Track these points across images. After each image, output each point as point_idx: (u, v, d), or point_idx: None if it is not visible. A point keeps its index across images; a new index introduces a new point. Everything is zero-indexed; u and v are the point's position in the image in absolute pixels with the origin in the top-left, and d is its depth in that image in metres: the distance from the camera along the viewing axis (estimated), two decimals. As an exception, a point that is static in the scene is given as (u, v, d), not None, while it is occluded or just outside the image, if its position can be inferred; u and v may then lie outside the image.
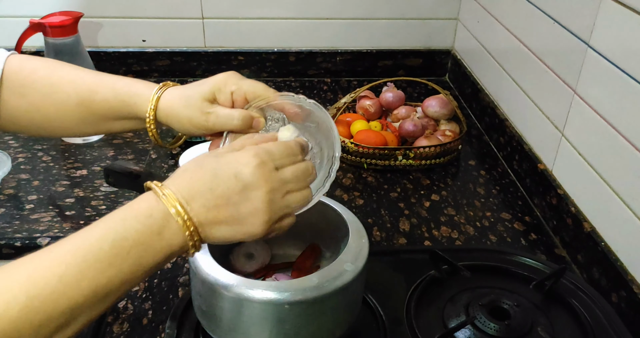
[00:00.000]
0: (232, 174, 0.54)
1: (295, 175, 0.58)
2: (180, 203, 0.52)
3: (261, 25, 1.48)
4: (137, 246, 0.50)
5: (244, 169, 0.54)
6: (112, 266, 0.49)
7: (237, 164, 0.55)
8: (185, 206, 0.52)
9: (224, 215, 0.54)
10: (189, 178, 0.54)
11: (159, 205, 0.52)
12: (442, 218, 1.02)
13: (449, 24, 1.52)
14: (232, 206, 0.54)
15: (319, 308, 0.63)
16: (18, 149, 1.18)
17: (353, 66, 1.55)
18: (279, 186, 0.56)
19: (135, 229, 0.51)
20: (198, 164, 0.56)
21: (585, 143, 0.92)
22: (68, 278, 0.47)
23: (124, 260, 0.49)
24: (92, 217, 0.98)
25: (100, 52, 1.47)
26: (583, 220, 0.90)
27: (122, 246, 0.50)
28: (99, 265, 0.48)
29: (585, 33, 0.90)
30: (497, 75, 1.26)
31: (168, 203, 0.52)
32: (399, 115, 1.25)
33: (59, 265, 0.47)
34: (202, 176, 0.54)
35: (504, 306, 0.76)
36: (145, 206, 0.52)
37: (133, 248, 0.50)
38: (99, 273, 0.48)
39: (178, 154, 1.16)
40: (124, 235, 0.50)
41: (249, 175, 0.54)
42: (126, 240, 0.50)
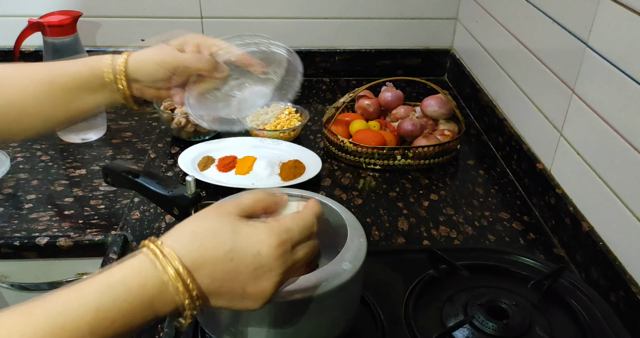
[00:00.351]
0: (252, 252, 0.51)
1: (307, 256, 0.57)
2: (184, 266, 0.48)
3: (260, 25, 1.48)
4: (124, 317, 0.47)
5: (264, 249, 0.51)
6: (93, 335, 0.45)
7: (257, 242, 0.52)
8: (192, 273, 0.49)
9: (228, 289, 0.51)
10: (198, 245, 0.50)
11: (155, 272, 0.48)
12: (441, 217, 1.02)
13: (448, 23, 1.52)
14: (240, 282, 0.51)
15: (317, 307, 0.63)
16: (17, 148, 1.18)
17: (352, 65, 1.55)
18: (291, 266, 0.54)
19: (123, 299, 0.47)
20: (211, 231, 0.51)
21: (583, 143, 0.92)
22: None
23: (106, 329, 0.46)
24: (90, 216, 0.98)
25: (99, 51, 1.46)
26: (581, 219, 0.90)
27: (107, 317, 0.46)
28: (78, 334, 0.44)
29: (583, 33, 0.90)
30: (496, 75, 1.26)
31: (167, 264, 0.48)
32: (397, 115, 1.25)
33: (33, 332, 0.43)
34: (216, 245, 0.50)
35: (503, 305, 0.76)
36: (138, 272, 0.48)
37: (119, 319, 0.46)
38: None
39: (177, 154, 1.16)
40: (111, 306, 0.46)
41: (266, 256, 0.51)
42: (112, 311, 0.46)
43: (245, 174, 1.10)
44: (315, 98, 1.46)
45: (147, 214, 1.00)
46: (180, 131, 1.20)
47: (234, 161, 1.13)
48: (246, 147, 1.17)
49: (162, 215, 1.00)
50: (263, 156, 1.14)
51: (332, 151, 1.18)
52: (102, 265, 0.87)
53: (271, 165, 1.11)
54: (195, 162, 1.13)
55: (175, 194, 0.76)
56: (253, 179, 1.09)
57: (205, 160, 1.13)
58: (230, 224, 0.52)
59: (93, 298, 0.46)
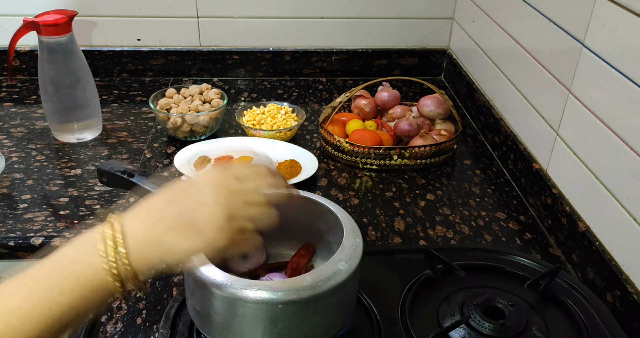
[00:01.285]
0: (189, 183, 0.53)
1: (257, 188, 0.55)
2: (113, 221, 0.51)
3: (256, 24, 1.48)
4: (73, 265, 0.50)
5: (201, 178, 0.53)
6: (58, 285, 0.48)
7: (196, 178, 0.53)
8: (116, 222, 0.51)
9: (172, 222, 0.51)
10: (144, 202, 0.54)
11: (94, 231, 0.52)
12: (437, 217, 1.02)
13: (444, 23, 1.52)
14: (182, 211, 0.51)
15: (313, 307, 0.63)
16: (12, 148, 1.17)
17: (348, 65, 1.55)
18: (237, 190, 0.53)
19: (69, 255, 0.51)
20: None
21: (580, 143, 0.92)
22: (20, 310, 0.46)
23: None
24: (86, 216, 0.98)
25: (94, 51, 1.47)
26: (578, 219, 0.90)
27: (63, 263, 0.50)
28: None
29: (580, 32, 0.90)
30: (492, 74, 1.26)
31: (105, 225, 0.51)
32: (394, 114, 1.25)
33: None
34: (159, 197, 0.54)
35: (499, 305, 0.76)
36: (87, 237, 0.52)
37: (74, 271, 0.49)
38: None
39: (173, 154, 1.15)
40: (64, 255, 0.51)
41: (204, 183, 0.52)
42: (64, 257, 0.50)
43: (241, 174, 1.10)
44: (312, 98, 1.46)
45: (143, 214, 0.99)
46: (177, 131, 1.20)
47: (230, 161, 1.13)
48: (242, 147, 1.17)
49: (157, 214, 0.99)
50: (259, 155, 1.14)
51: (328, 151, 1.18)
52: (97, 265, 0.87)
53: (267, 165, 1.11)
54: (192, 162, 1.12)
55: (171, 194, 0.76)
56: (249, 179, 1.08)
57: (201, 160, 1.12)
58: None
59: (55, 257, 0.51)
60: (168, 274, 0.87)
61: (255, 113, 1.25)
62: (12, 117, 1.29)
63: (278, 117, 1.24)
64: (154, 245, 0.51)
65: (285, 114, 1.25)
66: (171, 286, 0.85)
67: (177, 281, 0.86)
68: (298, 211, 0.80)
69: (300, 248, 0.82)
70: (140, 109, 1.36)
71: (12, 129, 1.24)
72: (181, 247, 0.51)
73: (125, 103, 1.38)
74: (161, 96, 1.25)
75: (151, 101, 1.21)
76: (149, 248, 0.51)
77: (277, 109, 1.26)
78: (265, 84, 1.52)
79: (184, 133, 1.20)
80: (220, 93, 1.26)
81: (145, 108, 1.36)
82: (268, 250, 0.83)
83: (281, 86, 1.51)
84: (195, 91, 1.26)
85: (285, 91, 1.49)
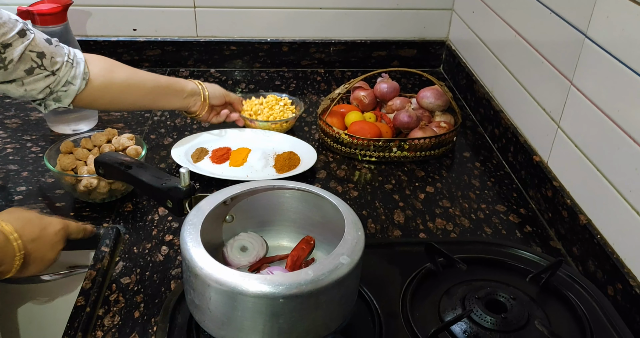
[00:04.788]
0: (53, 230, 0.77)
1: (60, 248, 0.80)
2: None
3: (254, 15, 1.46)
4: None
5: (57, 230, 0.78)
6: None
7: (53, 224, 0.78)
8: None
9: (39, 252, 0.75)
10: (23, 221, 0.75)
11: None
12: (437, 210, 1.01)
13: (443, 14, 1.51)
14: (44, 248, 0.75)
15: (314, 302, 0.62)
16: (6, 139, 1.16)
17: (347, 56, 1.53)
18: (60, 249, 0.79)
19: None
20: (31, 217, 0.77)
21: (581, 135, 0.91)
22: None
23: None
24: (82, 208, 0.97)
25: (89, 41, 1.45)
26: (579, 212, 0.90)
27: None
28: None
29: (582, 23, 0.89)
30: (492, 66, 1.25)
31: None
32: (393, 106, 1.24)
33: None
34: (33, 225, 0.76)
35: (501, 299, 0.75)
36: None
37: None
38: None
39: (170, 145, 1.14)
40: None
41: (54, 235, 0.77)
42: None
43: (239, 166, 1.09)
44: (310, 89, 1.45)
45: (140, 206, 0.98)
46: (91, 194, 0.96)
47: (228, 152, 1.12)
48: (240, 138, 1.16)
49: (155, 207, 0.98)
50: (257, 147, 1.12)
51: (327, 143, 1.17)
52: (94, 258, 0.86)
53: (265, 157, 1.10)
54: (189, 153, 1.11)
55: (169, 186, 0.74)
56: (247, 171, 1.07)
57: (199, 152, 1.11)
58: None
59: None
60: (165, 267, 0.86)
61: (253, 103, 1.23)
62: (7, 108, 1.28)
63: (276, 108, 1.23)
64: None
65: (284, 106, 1.24)
66: (169, 280, 0.84)
67: (175, 275, 0.85)
68: (299, 204, 0.79)
69: (300, 241, 0.81)
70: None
71: (7, 121, 1.23)
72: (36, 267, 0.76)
73: (121, 94, 1.36)
74: (57, 152, 0.99)
75: (47, 160, 0.95)
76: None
77: (275, 101, 1.25)
78: (262, 76, 1.51)
79: (101, 194, 0.96)
80: (135, 138, 1.03)
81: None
82: (268, 243, 0.82)
83: (279, 77, 1.50)
84: (101, 140, 1.02)
85: (283, 82, 1.48)
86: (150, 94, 1.03)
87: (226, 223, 0.80)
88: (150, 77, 1.03)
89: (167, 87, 1.05)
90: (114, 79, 0.97)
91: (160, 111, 1.29)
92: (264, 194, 0.78)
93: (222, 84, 1.34)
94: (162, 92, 1.04)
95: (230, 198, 0.74)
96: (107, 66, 0.98)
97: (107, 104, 1.01)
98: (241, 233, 0.82)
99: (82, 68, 0.93)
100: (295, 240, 0.82)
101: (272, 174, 1.06)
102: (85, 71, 0.93)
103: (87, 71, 0.93)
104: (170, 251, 0.89)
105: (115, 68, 0.99)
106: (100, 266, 0.84)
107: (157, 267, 0.86)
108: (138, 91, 1.01)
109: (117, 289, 0.82)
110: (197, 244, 0.65)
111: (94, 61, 0.96)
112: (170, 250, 0.90)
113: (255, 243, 0.80)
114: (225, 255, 0.79)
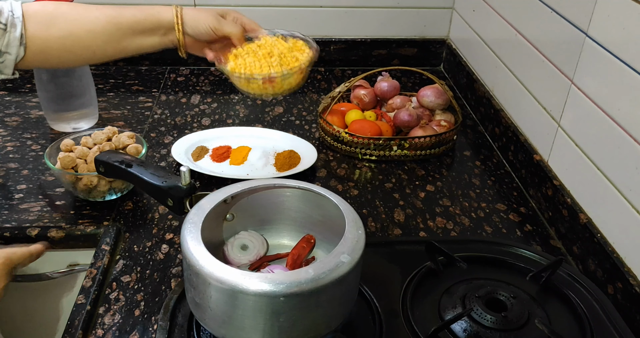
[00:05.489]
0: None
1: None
2: None
3: (254, 13, 1.45)
4: None
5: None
6: None
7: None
8: None
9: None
10: None
11: None
12: (437, 209, 1.02)
13: (444, 13, 1.51)
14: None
15: (315, 300, 0.62)
16: (7, 137, 1.16)
17: (347, 55, 1.53)
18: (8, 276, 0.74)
19: None
20: None
21: (582, 134, 0.91)
22: None
23: None
24: (82, 207, 0.97)
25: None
26: (579, 211, 0.90)
27: None
28: None
29: (583, 22, 0.89)
30: (492, 65, 1.25)
31: None
32: (393, 105, 1.24)
33: None
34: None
35: (501, 298, 0.75)
36: None
37: None
38: None
39: (170, 144, 1.14)
40: None
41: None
42: None
43: (239, 164, 1.09)
44: (310, 88, 1.45)
45: (140, 205, 0.98)
46: (91, 192, 0.96)
47: (228, 151, 1.12)
48: (240, 137, 1.16)
49: (155, 205, 0.98)
50: (258, 146, 1.12)
51: (327, 142, 1.17)
52: (94, 257, 0.86)
53: (266, 155, 1.10)
54: (189, 152, 1.11)
55: (170, 184, 0.74)
56: (248, 169, 1.07)
57: (199, 150, 1.11)
58: None
59: None
60: (166, 265, 0.86)
61: (243, 52, 0.89)
62: (7, 106, 1.28)
63: (276, 53, 0.88)
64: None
65: (290, 52, 0.90)
66: (169, 278, 0.84)
67: (175, 273, 0.85)
68: (300, 202, 0.79)
69: (300, 240, 0.81)
70: (136, 98, 1.34)
71: (7, 119, 1.23)
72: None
73: (121, 92, 1.36)
74: (57, 150, 0.99)
75: (47, 158, 0.95)
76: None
77: (275, 44, 0.90)
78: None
79: (101, 192, 0.96)
80: (135, 136, 1.02)
81: (142, 97, 1.34)
82: (268, 242, 0.82)
83: (279, 76, 1.50)
84: (101, 138, 1.01)
85: (283, 80, 1.47)
86: (112, 41, 0.85)
87: (227, 222, 0.80)
88: (105, 18, 0.84)
89: (133, 26, 0.85)
90: (51, 36, 0.81)
91: (160, 108, 1.29)
92: (264, 192, 0.78)
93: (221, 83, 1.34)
94: (129, 33, 0.85)
95: (230, 197, 0.74)
96: (44, 20, 0.81)
97: (59, 63, 0.89)
98: (242, 231, 0.82)
99: (18, 32, 0.79)
100: (296, 238, 0.82)
101: (272, 172, 1.06)
102: (22, 34, 0.79)
103: (24, 33, 0.79)
104: (171, 250, 0.89)
105: (54, 20, 0.82)
106: (100, 265, 0.84)
107: (158, 265, 0.86)
108: (90, 41, 0.84)
109: (118, 287, 0.82)
110: (198, 242, 0.65)
111: (31, 15, 0.81)
112: (171, 248, 0.90)
113: (256, 242, 0.80)
114: (226, 254, 0.79)
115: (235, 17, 0.90)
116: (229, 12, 0.91)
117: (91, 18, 0.83)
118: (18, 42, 0.79)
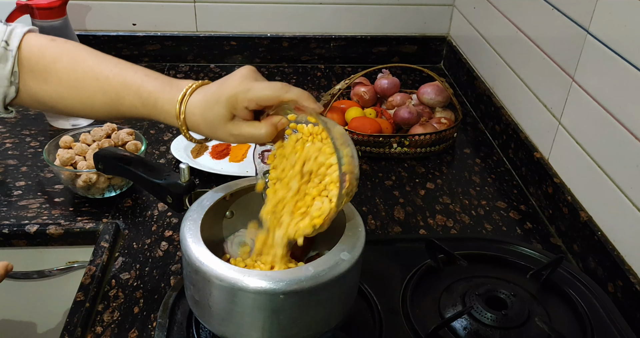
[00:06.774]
0: None
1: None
2: None
3: (254, 10, 1.46)
4: None
5: None
6: None
7: None
8: None
9: None
10: None
11: None
12: (438, 206, 1.01)
13: (444, 10, 1.50)
14: None
15: (315, 298, 0.62)
16: (5, 134, 1.15)
17: (347, 52, 1.53)
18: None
19: None
20: None
21: (582, 132, 0.91)
22: None
23: None
24: (81, 204, 0.96)
25: (89, 35, 1.44)
26: (579, 209, 0.89)
27: None
28: None
29: (584, 19, 0.89)
30: (493, 62, 1.25)
31: None
32: (394, 102, 1.24)
33: None
34: None
35: (501, 296, 0.75)
36: None
37: None
38: None
39: (170, 141, 1.14)
40: None
41: None
42: None
43: (239, 161, 1.08)
44: (310, 85, 1.44)
45: (140, 202, 0.98)
46: (90, 190, 0.95)
47: (227, 148, 1.11)
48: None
49: (154, 202, 0.98)
50: (257, 143, 1.12)
51: (327, 139, 1.16)
52: (93, 254, 0.86)
53: (266, 153, 1.09)
54: (189, 149, 1.11)
55: (169, 182, 0.74)
56: (247, 166, 1.07)
57: (198, 147, 1.11)
58: None
59: None
60: (165, 263, 0.86)
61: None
62: (6, 103, 1.27)
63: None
64: None
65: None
66: (169, 276, 0.84)
67: (174, 270, 0.85)
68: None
69: (300, 237, 0.80)
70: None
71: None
72: None
73: (120, 89, 1.36)
74: (56, 147, 0.99)
75: (46, 155, 0.95)
76: None
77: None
78: (262, 71, 1.50)
79: (100, 189, 0.96)
80: (134, 133, 1.02)
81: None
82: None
83: (279, 73, 1.49)
84: (100, 135, 1.01)
85: (284, 78, 1.47)
86: (109, 116, 0.72)
87: (226, 219, 0.79)
88: (102, 97, 0.69)
89: (132, 112, 0.69)
90: (45, 93, 0.69)
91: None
92: (264, 190, 0.78)
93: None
94: (127, 116, 0.71)
95: (230, 194, 0.74)
96: (38, 70, 0.68)
97: (58, 113, 0.77)
98: (241, 229, 0.81)
99: (8, 68, 0.66)
100: (296, 236, 0.81)
101: (272, 170, 1.06)
102: (14, 70, 0.66)
103: (16, 70, 0.67)
104: (170, 247, 0.89)
105: (47, 76, 0.68)
106: (99, 262, 0.84)
107: (157, 263, 0.86)
108: (83, 112, 0.73)
109: (117, 285, 0.82)
110: (197, 240, 0.64)
111: (25, 58, 0.68)
112: (170, 245, 0.89)
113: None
114: (226, 251, 0.79)
115: (247, 106, 0.65)
116: (237, 99, 0.65)
117: (88, 93, 0.69)
118: (7, 81, 0.66)
